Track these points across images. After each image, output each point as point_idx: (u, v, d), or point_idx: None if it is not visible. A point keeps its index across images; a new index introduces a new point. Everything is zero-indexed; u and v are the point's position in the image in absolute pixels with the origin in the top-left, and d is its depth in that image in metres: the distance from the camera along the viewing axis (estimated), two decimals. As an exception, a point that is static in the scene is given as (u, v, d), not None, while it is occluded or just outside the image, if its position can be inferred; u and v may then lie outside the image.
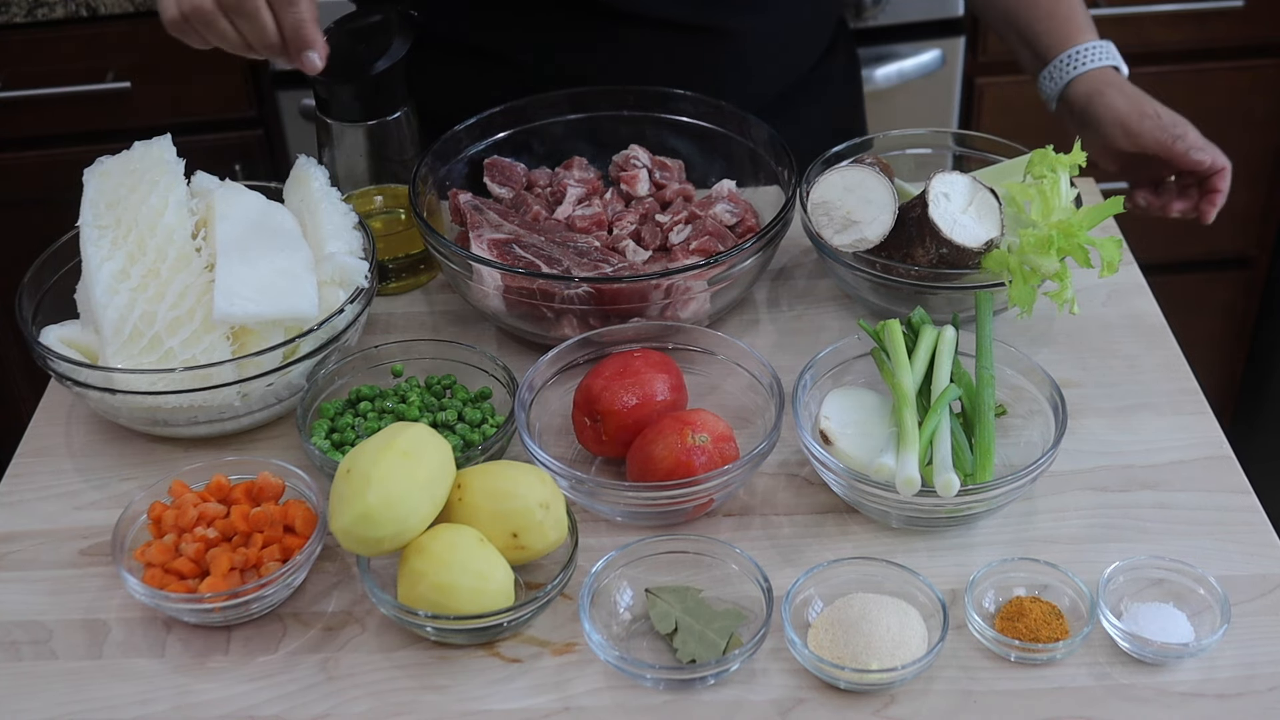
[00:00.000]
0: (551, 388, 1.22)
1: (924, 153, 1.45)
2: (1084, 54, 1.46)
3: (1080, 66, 1.46)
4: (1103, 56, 1.46)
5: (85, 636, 1.07)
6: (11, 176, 2.20)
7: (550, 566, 1.10)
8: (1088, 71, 1.45)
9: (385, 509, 1.01)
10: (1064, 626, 1.03)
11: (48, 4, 2.06)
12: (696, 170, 1.47)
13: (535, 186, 1.44)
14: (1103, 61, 1.46)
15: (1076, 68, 1.46)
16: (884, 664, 1.00)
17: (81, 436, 1.26)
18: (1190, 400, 1.25)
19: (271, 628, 1.08)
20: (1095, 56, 1.46)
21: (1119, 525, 1.13)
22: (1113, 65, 1.46)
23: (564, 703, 1.01)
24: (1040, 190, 1.23)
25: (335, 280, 1.24)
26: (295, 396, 1.23)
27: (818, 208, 1.28)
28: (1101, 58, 1.46)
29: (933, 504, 1.08)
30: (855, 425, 1.15)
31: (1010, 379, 1.19)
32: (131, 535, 1.11)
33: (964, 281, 1.25)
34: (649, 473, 1.11)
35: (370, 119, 1.33)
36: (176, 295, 1.20)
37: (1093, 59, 1.46)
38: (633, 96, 1.46)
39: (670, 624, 1.04)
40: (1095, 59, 1.46)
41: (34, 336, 1.22)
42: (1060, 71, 1.48)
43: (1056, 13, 1.50)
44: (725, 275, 1.26)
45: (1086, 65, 1.45)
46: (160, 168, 1.25)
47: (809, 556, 1.11)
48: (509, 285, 1.25)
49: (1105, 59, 1.46)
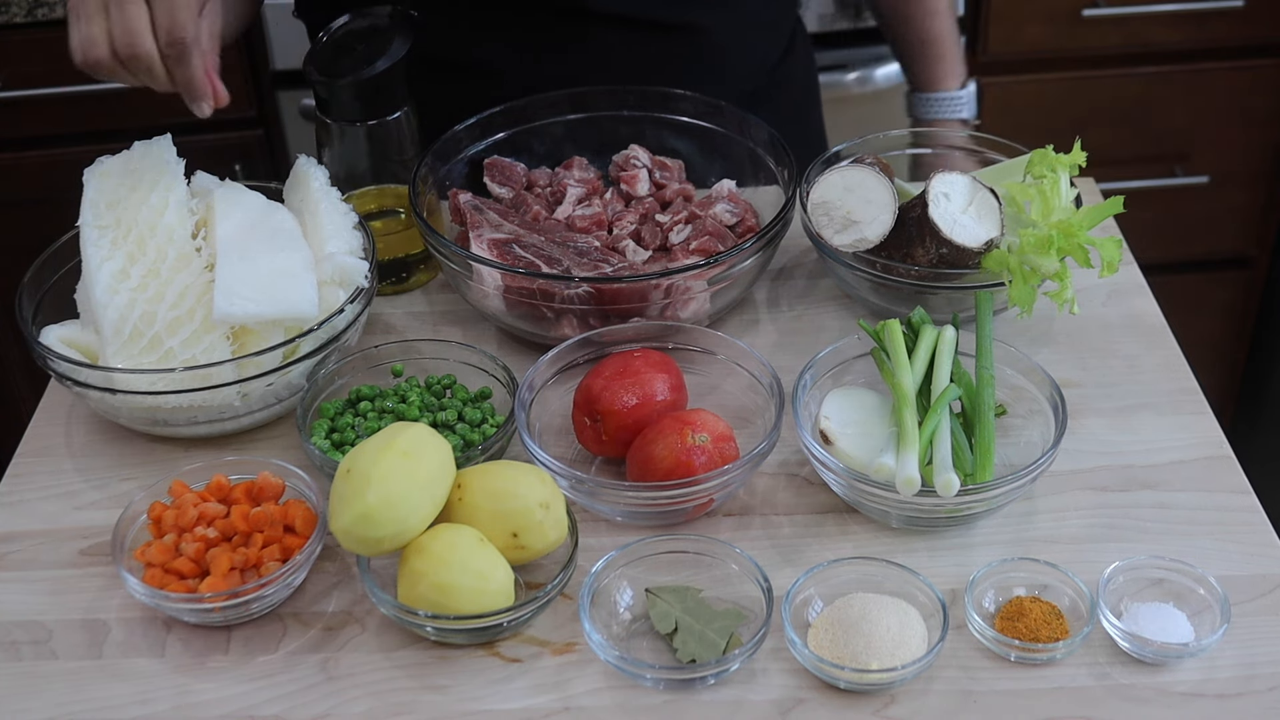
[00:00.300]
0: (551, 388, 1.22)
1: (924, 153, 1.45)
2: (939, 103, 1.67)
3: (932, 112, 1.67)
4: (954, 109, 1.67)
5: (85, 636, 1.07)
6: (11, 176, 2.21)
7: (550, 566, 1.10)
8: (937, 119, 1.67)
9: (385, 509, 1.01)
10: (1064, 626, 1.03)
11: (48, 4, 2.06)
12: (696, 170, 1.47)
13: (535, 186, 1.44)
14: (953, 114, 1.66)
15: (929, 112, 1.68)
16: (884, 664, 1.00)
17: (81, 436, 1.26)
18: (1190, 400, 1.25)
19: (271, 628, 1.08)
20: (948, 108, 1.67)
21: (1119, 525, 1.13)
22: (961, 118, 1.67)
23: (564, 703, 1.01)
24: (1040, 190, 1.23)
25: (335, 280, 1.24)
26: (295, 396, 1.23)
27: (818, 208, 1.28)
28: (953, 110, 1.65)
29: (933, 504, 1.08)
30: (855, 425, 1.15)
31: (1010, 379, 1.19)
32: (131, 535, 1.11)
33: (964, 281, 1.25)
34: (649, 473, 1.11)
35: (370, 119, 1.33)
36: (176, 295, 1.20)
37: (946, 109, 1.67)
38: (633, 96, 1.46)
39: (670, 624, 1.04)
40: (948, 110, 1.67)
41: (34, 336, 1.22)
42: (920, 107, 1.69)
43: (926, 54, 1.67)
44: (725, 275, 1.26)
45: (937, 114, 1.67)
46: (160, 168, 1.25)
47: (809, 556, 1.11)
48: (509, 285, 1.25)
49: (955, 111, 1.65)
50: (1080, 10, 2.24)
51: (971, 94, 1.67)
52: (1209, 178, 2.40)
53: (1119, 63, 2.31)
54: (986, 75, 2.29)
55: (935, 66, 1.67)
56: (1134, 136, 2.36)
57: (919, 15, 1.66)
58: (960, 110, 1.66)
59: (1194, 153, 2.39)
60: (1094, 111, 2.32)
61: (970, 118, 1.67)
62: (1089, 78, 2.31)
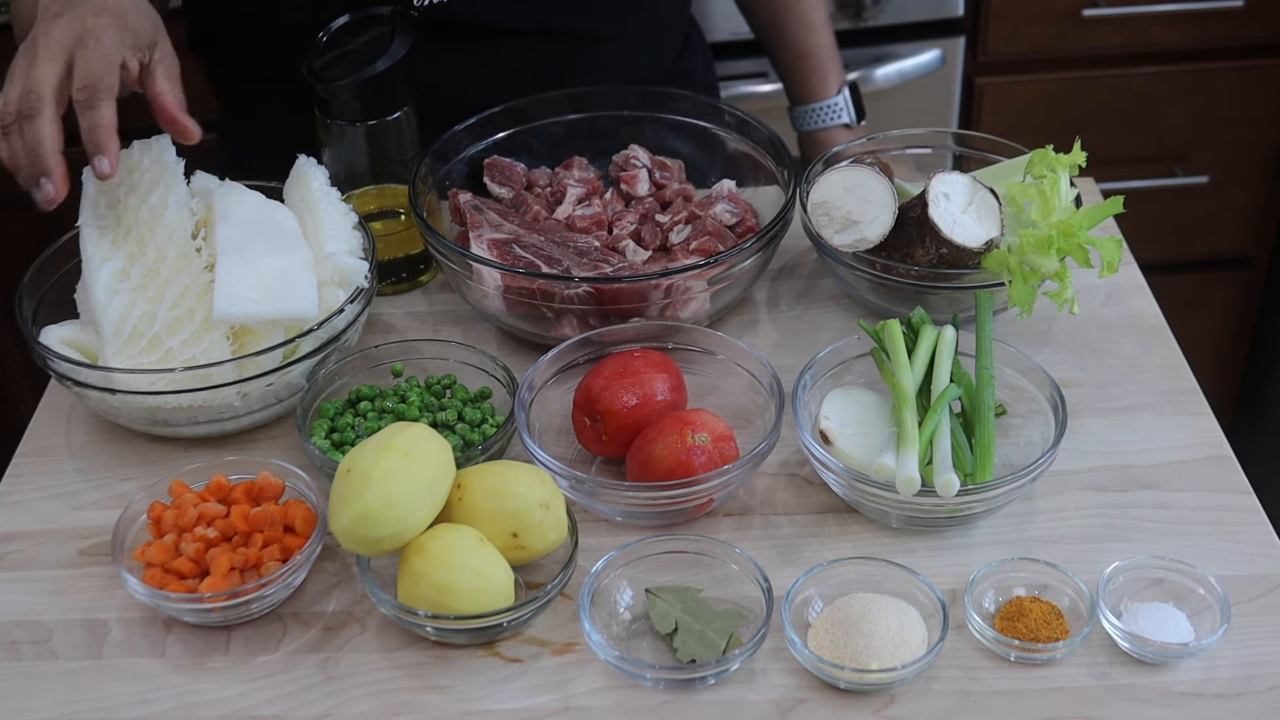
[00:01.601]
0: (551, 388, 1.22)
1: (924, 153, 1.45)
2: (817, 113, 1.69)
3: (813, 123, 1.70)
4: (833, 116, 1.68)
5: (85, 636, 1.07)
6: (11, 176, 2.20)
7: (550, 566, 1.10)
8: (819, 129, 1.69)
9: (385, 509, 1.01)
10: (1064, 626, 1.03)
11: (48, 4, 2.06)
12: (696, 170, 1.47)
13: (535, 186, 1.44)
14: (833, 121, 1.68)
15: (811, 123, 1.70)
16: (884, 664, 1.00)
17: (81, 436, 1.26)
18: (1190, 400, 1.25)
19: (271, 628, 1.08)
20: (826, 116, 1.68)
21: (1119, 525, 1.13)
22: (844, 124, 1.68)
23: (564, 703, 1.01)
24: (1040, 190, 1.23)
25: (335, 280, 1.24)
26: (295, 396, 1.23)
27: (818, 208, 1.28)
28: (831, 117, 1.68)
29: (933, 504, 1.08)
30: (855, 425, 1.15)
31: (1010, 379, 1.19)
32: (131, 535, 1.11)
33: (964, 281, 1.25)
34: (649, 473, 1.11)
35: (370, 119, 1.33)
36: (176, 295, 1.20)
37: (824, 118, 1.69)
38: (633, 96, 1.46)
39: (670, 624, 1.04)
40: (826, 118, 1.68)
41: (34, 336, 1.22)
42: (800, 119, 1.71)
43: (801, 66, 1.69)
44: (725, 275, 1.26)
45: (817, 124, 1.69)
46: (160, 167, 1.25)
47: (809, 556, 1.11)
48: (509, 285, 1.25)
49: (835, 118, 1.68)
50: (1080, 10, 2.23)
51: (847, 98, 1.68)
52: (1209, 178, 2.40)
53: (1119, 63, 2.31)
54: (986, 75, 2.29)
55: (811, 78, 1.69)
56: (1134, 136, 2.36)
57: (795, 29, 1.68)
58: (839, 116, 1.68)
59: (1194, 153, 2.39)
60: (1094, 111, 2.32)
61: (851, 122, 1.68)
62: (1089, 78, 2.31)
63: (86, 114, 1.15)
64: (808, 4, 1.67)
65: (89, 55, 1.14)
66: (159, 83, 1.20)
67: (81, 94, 1.14)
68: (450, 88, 1.47)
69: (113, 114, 1.15)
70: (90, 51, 1.15)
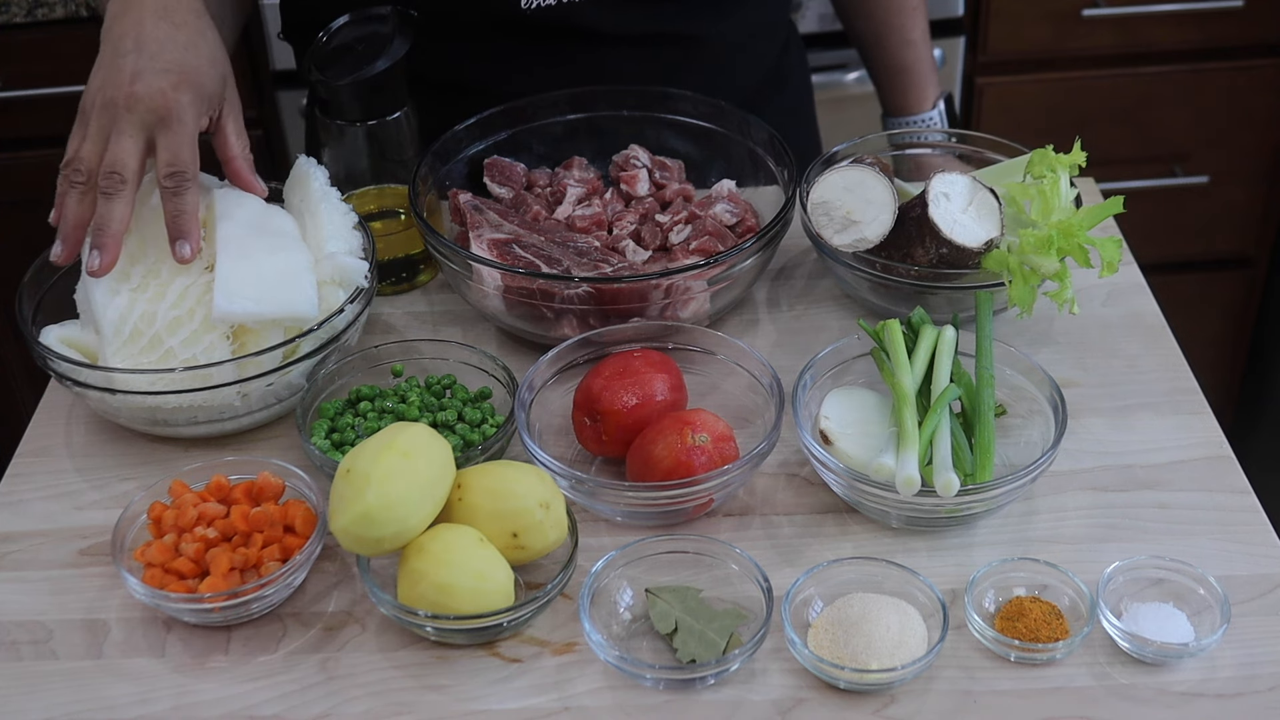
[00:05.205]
0: (551, 388, 1.22)
1: (924, 153, 1.45)
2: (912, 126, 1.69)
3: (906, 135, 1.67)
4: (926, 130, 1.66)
5: (85, 636, 1.07)
6: (11, 176, 2.21)
7: (550, 566, 1.10)
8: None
9: (385, 509, 1.01)
10: (1064, 626, 1.03)
11: (48, 4, 2.06)
12: (696, 170, 1.47)
13: (535, 186, 1.44)
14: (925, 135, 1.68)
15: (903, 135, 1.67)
16: (884, 664, 1.00)
17: (81, 436, 1.26)
18: (1190, 400, 1.25)
19: (271, 628, 1.08)
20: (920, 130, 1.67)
21: (1119, 525, 1.13)
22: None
23: (564, 703, 1.01)
24: (1040, 190, 1.23)
25: (335, 280, 1.24)
26: (295, 396, 1.23)
27: (818, 208, 1.28)
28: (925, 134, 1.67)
29: (933, 504, 1.08)
30: (855, 425, 1.15)
31: (1010, 379, 1.19)
32: (131, 535, 1.11)
33: (964, 281, 1.25)
34: (649, 473, 1.11)
35: (370, 119, 1.33)
36: (176, 295, 1.20)
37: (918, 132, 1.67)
38: (633, 96, 1.46)
39: (670, 624, 1.04)
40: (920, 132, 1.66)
41: (34, 336, 1.22)
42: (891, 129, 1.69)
43: (899, 81, 1.69)
44: (725, 275, 1.26)
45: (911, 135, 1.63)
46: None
47: (809, 556, 1.11)
48: (509, 285, 1.26)
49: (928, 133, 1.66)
50: (1080, 10, 2.24)
51: (942, 112, 1.70)
52: (1209, 178, 2.40)
53: (1119, 63, 2.31)
54: (986, 75, 2.29)
55: (908, 93, 1.69)
56: (1134, 136, 2.36)
57: (895, 44, 1.68)
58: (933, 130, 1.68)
59: (1194, 153, 2.39)
60: (1094, 111, 2.33)
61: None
62: (1089, 78, 2.31)
63: (172, 200, 1.18)
64: (910, 19, 1.67)
65: (173, 138, 1.18)
66: (231, 145, 1.24)
67: (169, 181, 1.18)
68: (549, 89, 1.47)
69: (196, 200, 1.19)
70: (174, 135, 1.18)
